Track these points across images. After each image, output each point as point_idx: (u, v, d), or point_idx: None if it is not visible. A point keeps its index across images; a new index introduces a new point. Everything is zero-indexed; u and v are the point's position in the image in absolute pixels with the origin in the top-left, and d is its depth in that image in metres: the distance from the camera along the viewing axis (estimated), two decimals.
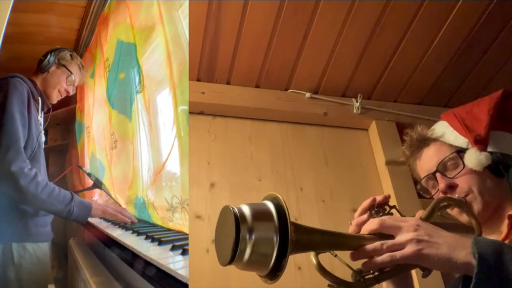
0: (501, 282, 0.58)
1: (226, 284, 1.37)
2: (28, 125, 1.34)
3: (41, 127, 1.48)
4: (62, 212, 1.36)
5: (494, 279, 0.59)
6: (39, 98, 1.48)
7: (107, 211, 1.53)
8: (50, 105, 1.57)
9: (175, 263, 0.88)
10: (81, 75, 1.67)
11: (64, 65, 1.57)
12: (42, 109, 1.50)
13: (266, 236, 0.59)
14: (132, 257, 1.09)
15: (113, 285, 1.21)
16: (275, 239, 0.59)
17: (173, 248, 1.03)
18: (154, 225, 1.52)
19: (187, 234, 1.27)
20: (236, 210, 0.60)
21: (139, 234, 1.31)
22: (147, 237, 1.21)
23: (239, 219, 0.59)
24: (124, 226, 1.51)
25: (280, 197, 0.62)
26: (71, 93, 1.63)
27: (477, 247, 0.61)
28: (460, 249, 0.62)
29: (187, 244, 1.06)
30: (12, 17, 1.04)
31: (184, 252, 1.00)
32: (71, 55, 1.62)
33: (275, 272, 0.61)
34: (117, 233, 1.36)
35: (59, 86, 1.57)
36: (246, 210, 0.61)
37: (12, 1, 1.04)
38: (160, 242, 1.11)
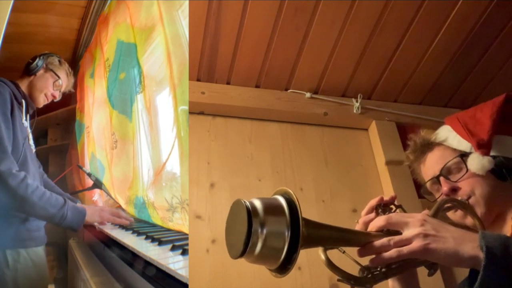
0: (509, 275, 0.59)
1: (226, 284, 1.37)
2: (12, 128, 1.27)
3: (29, 131, 1.43)
4: (54, 217, 1.28)
5: (502, 272, 0.59)
6: (23, 101, 1.42)
7: (104, 216, 1.49)
8: (35, 108, 1.53)
9: (175, 263, 0.88)
10: (68, 81, 1.64)
11: (52, 70, 1.56)
12: (27, 112, 1.45)
13: (277, 230, 0.59)
14: (132, 257, 1.09)
15: (113, 285, 1.21)
16: (287, 233, 0.59)
17: (173, 248, 1.03)
18: (154, 225, 1.52)
19: (187, 234, 1.27)
20: (248, 203, 0.61)
21: (139, 234, 1.31)
22: (147, 237, 1.21)
23: (251, 212, 0.59)
24: (123, 226, 1.51)
25: (291, 192, 0.63)
26: (57, 98, 1.60)
27: (484, 240, 0.61)
28: (467, 243, 0.62)
29: (187, 244, 1.06)
30: (12, 17, 1.04)
31: (184, 252, 1.00)
32: (59, 60, 1.61)
33: (285, 266, 0.61)
34: (117, 233, 1.36)
35: (46, 90, 1.54)
36: (258, 204, 0.61)
37: (12, 1, 1.04)
38: (160, 242, 1.11)
